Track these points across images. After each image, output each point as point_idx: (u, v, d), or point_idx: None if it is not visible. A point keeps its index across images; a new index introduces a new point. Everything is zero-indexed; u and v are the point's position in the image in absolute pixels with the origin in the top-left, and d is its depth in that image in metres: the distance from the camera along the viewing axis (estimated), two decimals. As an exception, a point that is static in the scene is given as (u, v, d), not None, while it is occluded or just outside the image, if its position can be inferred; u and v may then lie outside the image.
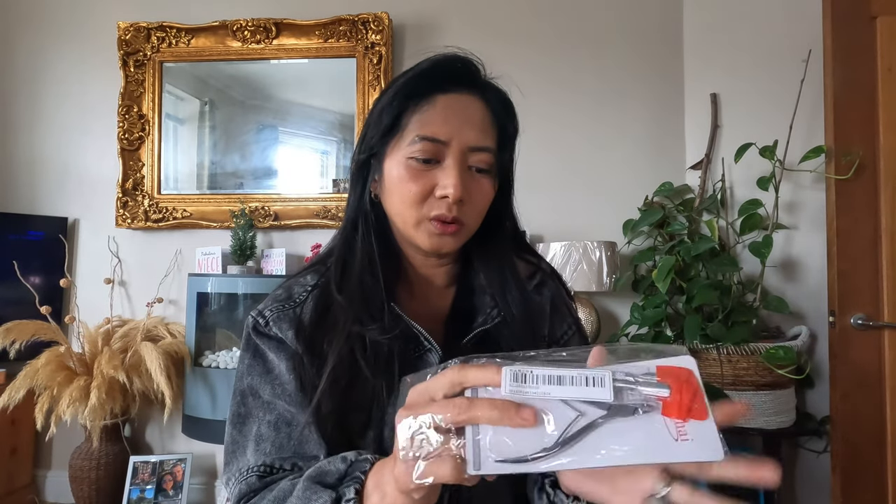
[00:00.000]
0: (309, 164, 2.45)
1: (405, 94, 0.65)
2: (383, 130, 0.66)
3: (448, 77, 0.66)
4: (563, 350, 0.42)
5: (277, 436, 0.64)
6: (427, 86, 0.65)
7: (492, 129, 0.67)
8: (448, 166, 0.63)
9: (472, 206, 0.65)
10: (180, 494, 2.12)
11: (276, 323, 0.68)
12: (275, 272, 2.25)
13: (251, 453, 0.65)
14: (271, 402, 0.66)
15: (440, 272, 0.73)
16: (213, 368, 2.16)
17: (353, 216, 0.70)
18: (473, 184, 0.65)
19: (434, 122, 0.63)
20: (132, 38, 2.42)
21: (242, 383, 0.68)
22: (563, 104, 2.31)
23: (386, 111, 0.66)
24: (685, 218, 2.04)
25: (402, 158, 0.64)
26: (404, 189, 0.64)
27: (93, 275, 2.42)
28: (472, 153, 0.64)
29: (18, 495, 2.27)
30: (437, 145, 0.63)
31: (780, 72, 1.99)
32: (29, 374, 2.00)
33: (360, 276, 0.66)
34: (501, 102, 0.69)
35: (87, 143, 2.48)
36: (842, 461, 1.59)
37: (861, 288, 1.59)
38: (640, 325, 1.98)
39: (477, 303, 0.71)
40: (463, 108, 0.65)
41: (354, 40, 2.35)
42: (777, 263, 1.99)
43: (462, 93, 0.65)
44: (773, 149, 1.85)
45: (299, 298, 0.69)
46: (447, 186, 0.62)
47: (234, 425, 0.67)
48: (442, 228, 0.64)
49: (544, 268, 0.78)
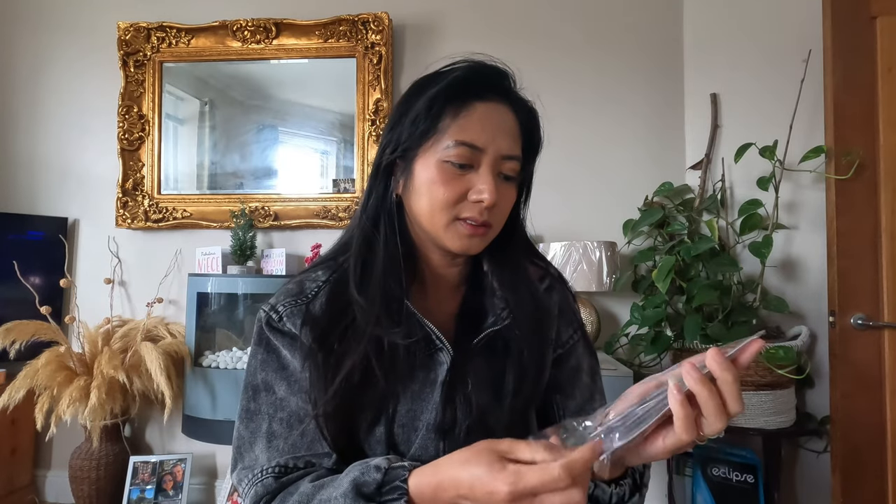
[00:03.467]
0: (309, 164, 2.45)
1: (445, 98, 0.66)
2: (420, 133, 0.66)
3: (486, 85, 0.68)
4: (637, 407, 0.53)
5: (291, 433, 0.64)
6: (466, 92, 0.66)
7: (519, 139, 0.70)
8: (483, 172, 0.65)
9: (499, 211, 0.68)
10: (180, 494, 2.12)
11: (289, 318, 0.68)
12: (275, 272, 2.25)
13: (261, 450, 0.65)
14: (285, 398, 0.66)
15: (453, 272, 0.74)
16: (213, 368, 2.16)
17: (375, 214, 0.70)
18: (502, 190, 0.67)
19: (472, 129, 0.65)
20: (132, 38, 2.42)
21: (256, 378, 0.68)
22: (563, 104, 2.31)
23: (423, 114, 0.66)
24: (685, 218, 2.04)
25: (437, 161, 0.65)
26: (437, 191, 0.65)
27: (93, 275, 2.43)
28: (503, 161, 0.67)
29: (18, 495, 2.28)
30: (474, 151, 0.65)
31: (780, 72, 1.99)
32: (29, 374, 2.00)
33: (382, 278, 0.67)
34: (529, 114, 0.72)
35: (87, 143, 2.48)
36: (842, 461, 1.59)
37: (861, 288, 1.59)
38: (640, 325, 1.98)
39: (487, 303, 0.72)
40: (498, 117, 0.67)
41: (354, 40, 2.35)
42: (777, 263, 1.99)
43: (497, 102, 0.68)
44: (773, 149, 1.84)
45: (311, 293, 0.70)
46: (483, 192, 0.64)
47: (243, 421, 0.67)
48: (473, 230, 0.66)
49: (553, 272, 0.80)
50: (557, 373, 0.75)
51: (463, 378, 0.67)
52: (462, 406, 0.67)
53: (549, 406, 0.74)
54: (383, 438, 0.66)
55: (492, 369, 0.68)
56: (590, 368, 0.77)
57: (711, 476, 1.84)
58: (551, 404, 0.74)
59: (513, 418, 0.67)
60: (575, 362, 0.76)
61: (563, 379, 0.75)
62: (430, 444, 0.66)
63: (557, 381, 0.74)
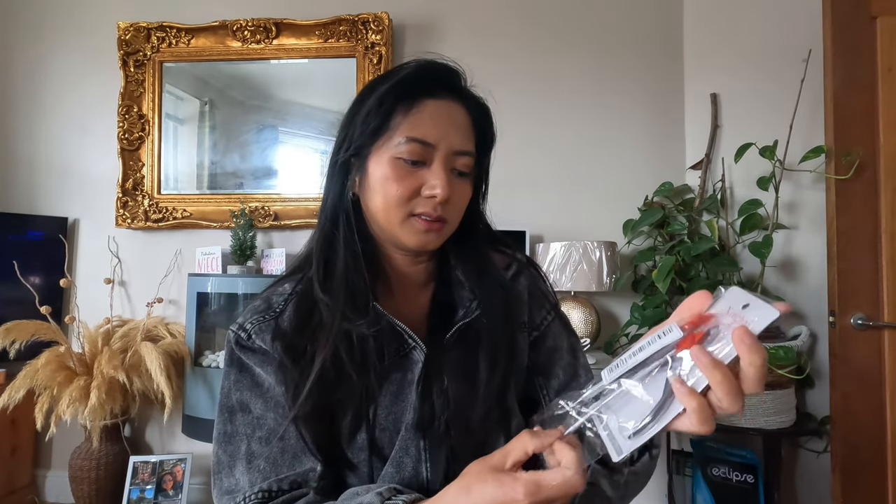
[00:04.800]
0: (309, 164, 2.45)
1: (396, 96, 0.66)
2: (371, 131, 0.67)
3: (437, 83, 0.68)
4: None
5: (270, 451, 0.63)
6: (417, 89, 0.67)
7: (472, 134, 0.70)
8: (436, 168, 0.66)
9: (454, 206, 0.68)
10: (180, 494, 2.12)
11: (258, 335, 0.67)
12: (275, 272, 2.25)
13: (241, 473, 0.63)
14: (262, 416, 0.65)
15: (418, 269, 0.74)
16: (213, 368, 2.16)
17: (334, 214, 0.71)
18: (456, 185, 0.68)
19: (424, 126, 0.66)
20: (132, 38, 2.42)
21: (230, 399, 0.67)
22: (563, 104, 2.31)
23: (374, 112, 0.67)
24: (685, 218, 2.04)
25: (389, 158, 0.66)
26: (391, 188, 0.65)
27: (93, 275, 2.43)
28: (455, 157, 0.67)
29: (18, 495, 2.28)
30: (426, 147, 0.65)
31: (780, 72, 1.99)
32: (29, 374, 2.00)
33: (344, 273, 0.67)
34: (481, 111, 0.72)
35: (88, 143, 2.48)
36: (842, 461, 1.59)
37: (861, 288, 1.59)
38: (640, 325, 1.98)
39: (456, 297, 0.72)
40: (449, 114, 0.67)
41: (354, 40, 2.35)
42: (777, 263, 1.99)
43: (448, 99, 0.68)
44: (773, 149, 1.84)
45: (278, 308, 0.69)
46: (436, 187, 0.65)
47: (220, 444, 0.66)
48: (428, 226, 0.66)
49: (519, 258, 0.79)
50: (535, 355, 0.74)
51: (439, 374, 0.67)
52: (439, 401, 0.67)
53: (532, 390, 0.74)
54: (366, 445, 0.65)
55: (467, 362, 0.68)
56: (570, 346, 0.76)
57: (711, 476, 1.84)
58: (535, 387, 0.74)
59: (488, 405, 0.67)
60: (552, 343, 0.76)
61: (541, 361, 0.75)
62: (410, 443, 0.65)
63: (537, 364, 0.74)
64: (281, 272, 2.46)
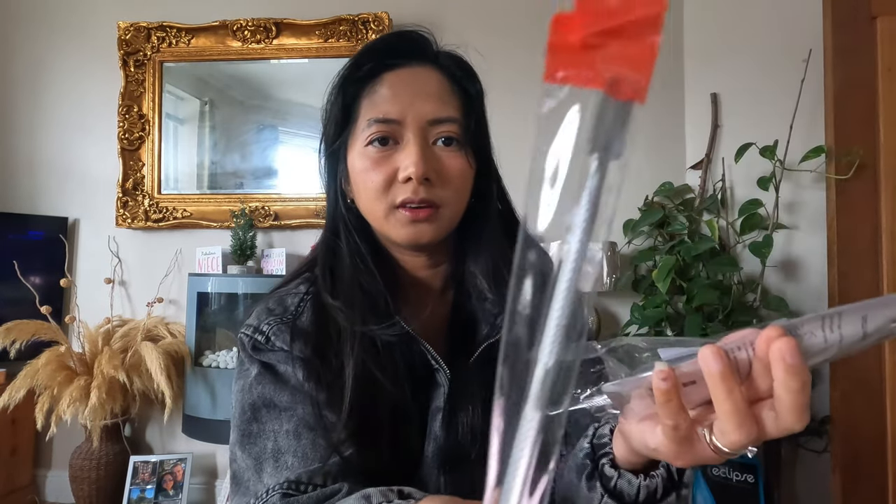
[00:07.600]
0: (309, 164, 2.44)
1: (350, 79, 0.61)
2: (337, 123, 0.62)
3: (393, 53, 0.61)
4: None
5: (300, 444, 0.55)
6: (372, 66, 0.60)
7: (452, 98, 0.61)
8: (407, 144, 0.58)
9: (444, 184, 0.59)
10: (180, 494, 2.12)
11: (277, 336, 0.60)
12: (275, 272, 2.25)
13: (269, 475, 0.54)
14: (290, 407, 0.57)
15: (433, 274, 0.66)
16: (214, 368, 2.16)
17: (333, 223, 0.66)
18: (442, 159, 0.59)
19: (383, 103, 0.59)
20: (132, 37, 2.42)
21: (251, 395, 0.59)
22: (563, 104, 2.31)
23: (335, 102, 0.62)
24: (685, 218, 2.03)
25: (361, 148, 0.60)
26: (368, 179, 0.59)
27: (93, 275, 2.42)
28: (432, 126, 0.59)
29: (18, 495, 2.27)
30: (390, 125, 0.58)
31: (780, 72, 1.99)
32: (29, 373, 2.00)
33: (353, 275, 0.61)
34: (458, 66, 0.63)
35: (88, 143, 2.48)
36: (842, 461, 1.59)
37: (861, 288, 1.59)
38: (641, 325, 1.98)
39: (477, 308, 0.64)
40: (414, 81, 0.60)
41: (354, 40, 2.35)
42: (777, 263, 1.98)
43: (412, 66, 0.60)
44: (773, 149, 1.84)
45: (296, 308, 0.62)
46: (408, 166, 0.56)
47: (244, 447, 0.57)
48: (413, 214, 0.58)
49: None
50: None
51: (463, 402, 0.60)
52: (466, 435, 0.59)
53: None
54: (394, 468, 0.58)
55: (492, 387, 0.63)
56: None
57: (711, 476, 1.84)
58: None
59: None
60: None
61: None
62: (428, 479, 0.59)
63: None
64: (281, 272, 2.44)
